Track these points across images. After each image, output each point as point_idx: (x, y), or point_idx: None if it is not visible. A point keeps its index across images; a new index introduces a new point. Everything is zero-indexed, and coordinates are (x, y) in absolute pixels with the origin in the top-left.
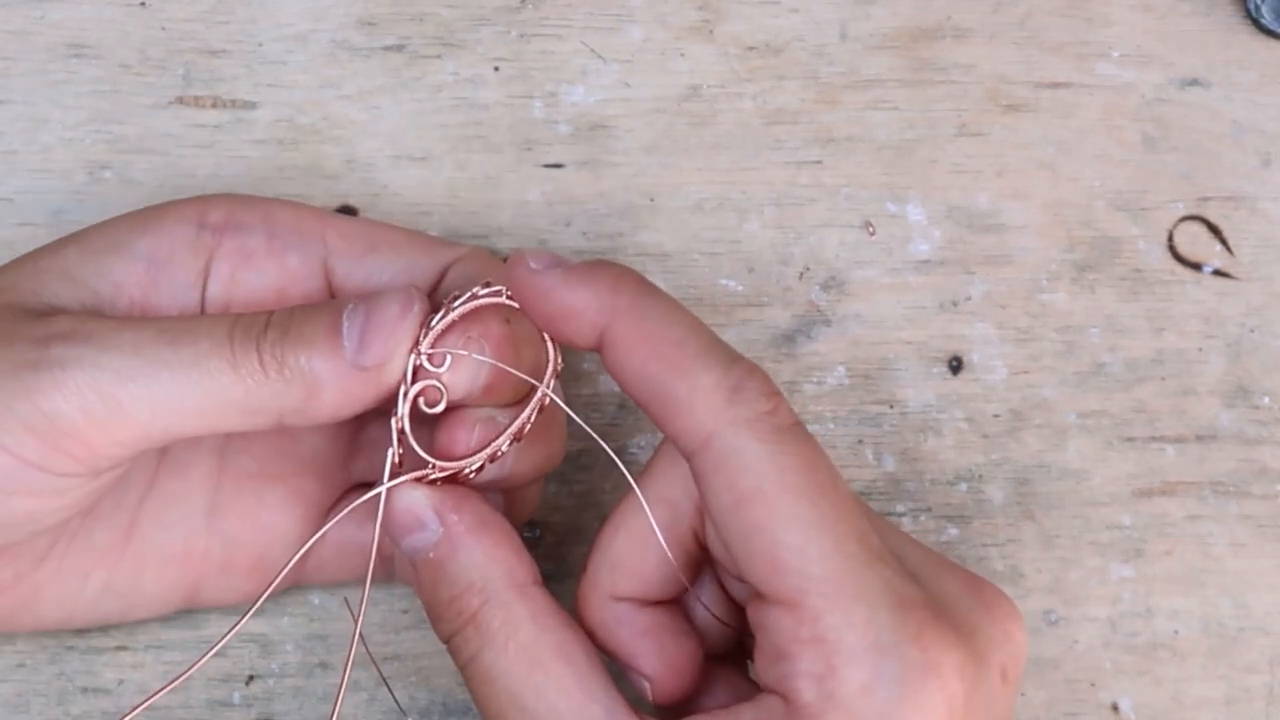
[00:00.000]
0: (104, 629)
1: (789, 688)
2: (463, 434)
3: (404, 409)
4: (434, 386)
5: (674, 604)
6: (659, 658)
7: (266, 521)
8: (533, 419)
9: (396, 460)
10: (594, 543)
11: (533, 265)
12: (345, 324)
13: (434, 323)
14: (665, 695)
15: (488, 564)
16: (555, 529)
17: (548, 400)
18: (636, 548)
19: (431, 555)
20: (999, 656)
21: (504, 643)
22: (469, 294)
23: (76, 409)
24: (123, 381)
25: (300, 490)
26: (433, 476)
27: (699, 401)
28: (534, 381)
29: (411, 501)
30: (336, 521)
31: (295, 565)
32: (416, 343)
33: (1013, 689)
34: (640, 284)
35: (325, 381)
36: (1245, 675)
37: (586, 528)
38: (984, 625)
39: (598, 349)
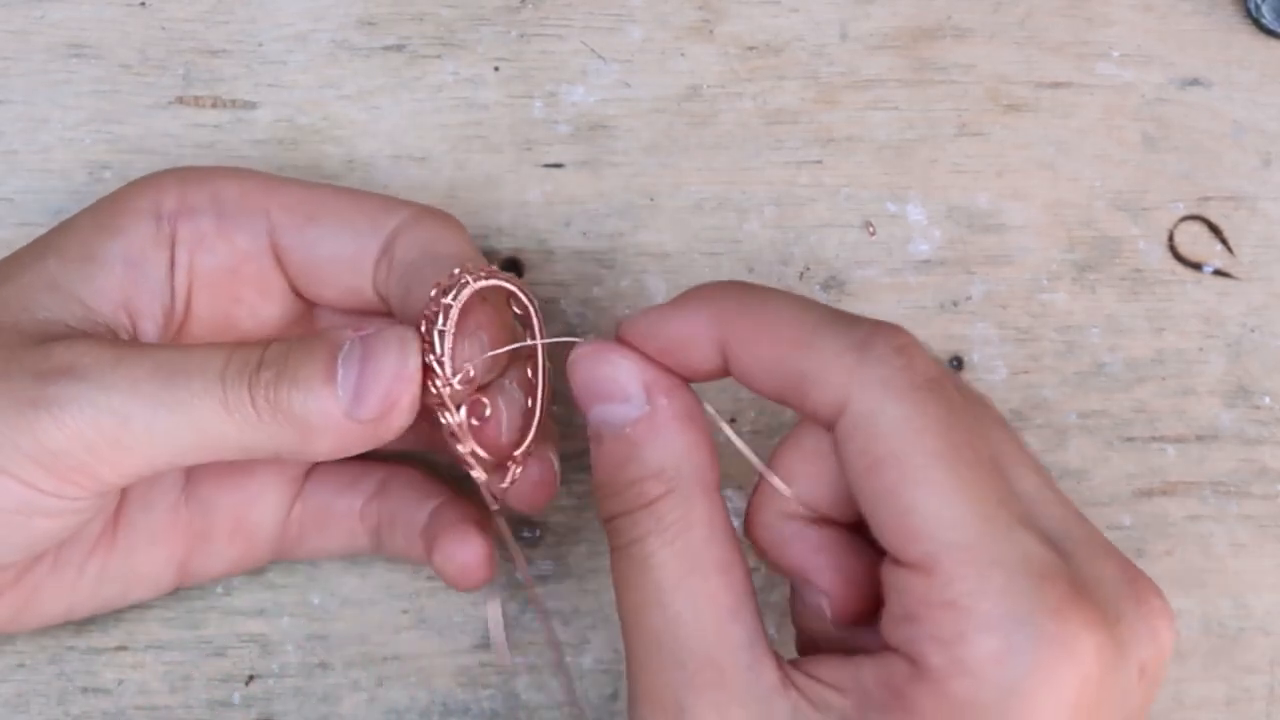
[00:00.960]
0: (104, 628)
1: (917, 651)
2: (494, 422)
3: (469, 442)
4: (478, 400)
5: (850, 526)
6: (836, 573)
7: (240, 484)
8: (544, 390)
9: (483, 476)
10: (769, 459)
11: (633, 317)
12: (340, 370)
13: (438, 352)
14: (844, 612)
15: (686, 456)
16: (555, 529)
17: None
18: (809, 466)
19: (628, 431)
20: (1140, 651)
21: (674, 537)
22: (443, 307)
23: (79, 447)
24: (121, 421)
25: None
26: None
27: (828, 368)
28: (537, 342)
29: (619, 371)
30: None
31: (277, 540)
32: (436, 373)
33: (1150, 689)
34: (740, 286)
35: (320, 429)
36: (1245, 675)
37: (586, 527)
38: (1130, 615)
39: (724, 368)
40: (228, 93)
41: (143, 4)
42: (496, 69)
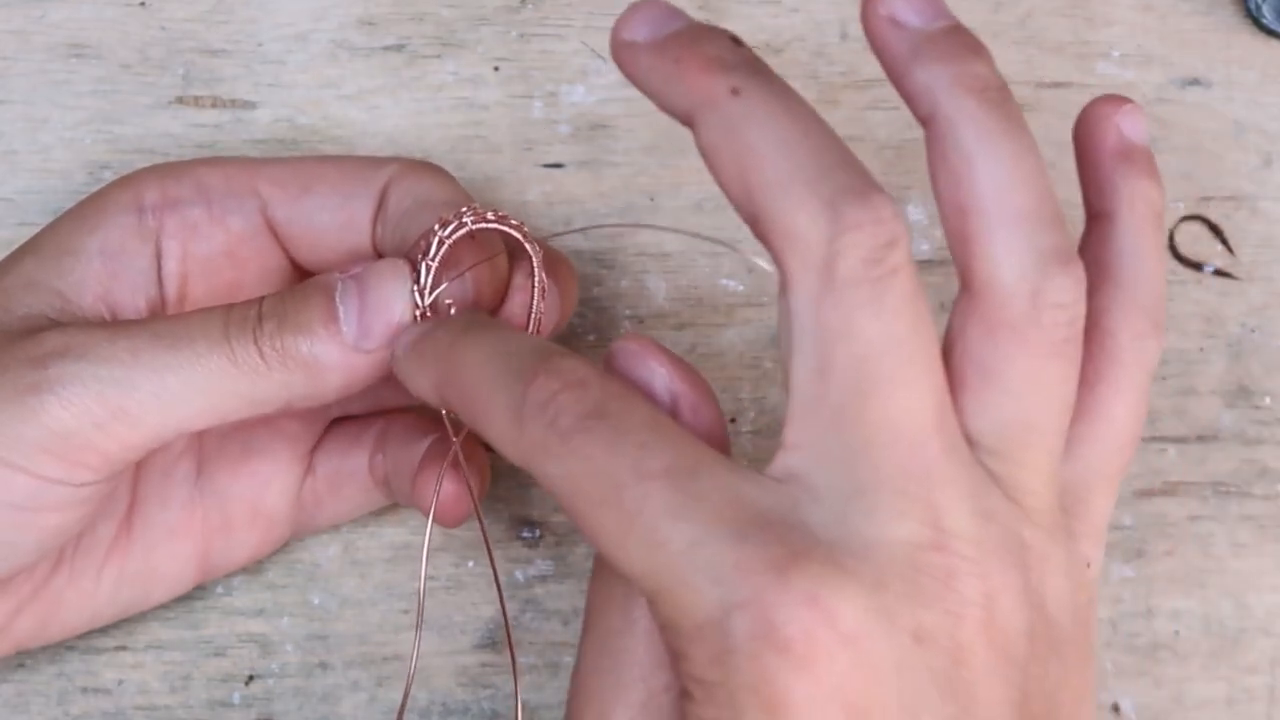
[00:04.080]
0: (104, 628)
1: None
2: None
3: None
4: None
5: None
6: None
7: (254, 469)
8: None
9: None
10: None
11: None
12: (340, 307)
13: (421, 280)
14: None
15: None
16: (555, 529)
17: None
18: None
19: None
20: None
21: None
22: (436, 240)
23: (87, 424)
24: (127, 391)
25: (282, 432)
26: None
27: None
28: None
29: (655, 376)
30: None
31: (293, 515)
32: (416, 303)
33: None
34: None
35: (330, 367)
36: (1246, 676)
37: None
38: None
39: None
40: (227, 93)
41: (143, 4)
42: (496, 69)
